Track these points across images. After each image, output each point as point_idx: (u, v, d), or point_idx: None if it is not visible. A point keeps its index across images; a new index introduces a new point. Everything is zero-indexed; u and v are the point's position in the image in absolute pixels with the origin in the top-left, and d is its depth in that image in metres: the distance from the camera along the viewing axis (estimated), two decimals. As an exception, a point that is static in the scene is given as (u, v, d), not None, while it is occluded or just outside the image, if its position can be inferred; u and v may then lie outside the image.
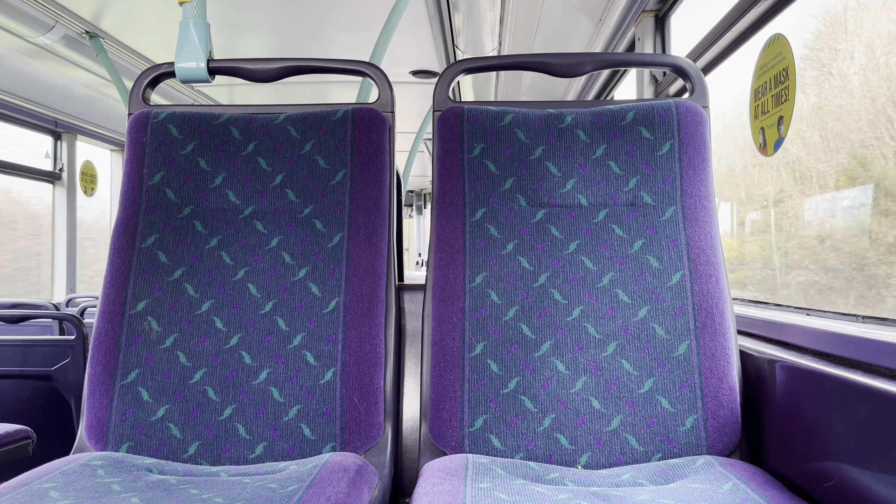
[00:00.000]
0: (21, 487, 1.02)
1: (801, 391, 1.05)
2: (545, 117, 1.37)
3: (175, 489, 1.06)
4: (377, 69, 1.45)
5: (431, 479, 1.06)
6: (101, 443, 1.24)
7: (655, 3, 2.38)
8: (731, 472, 1.06)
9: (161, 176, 1.37)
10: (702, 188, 1.31)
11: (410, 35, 3.23)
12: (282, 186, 1.37)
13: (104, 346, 1.28)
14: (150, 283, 1.31)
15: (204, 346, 1.28)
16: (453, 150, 1.36)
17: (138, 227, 1.35)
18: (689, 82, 1.41)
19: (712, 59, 1.94)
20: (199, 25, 1.44)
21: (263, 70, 1.47)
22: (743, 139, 1.96)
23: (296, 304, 1.30)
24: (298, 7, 2.93)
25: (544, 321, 1.26)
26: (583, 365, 1.24)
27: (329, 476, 1.07)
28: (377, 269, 1.32)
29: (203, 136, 1.39)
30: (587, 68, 1.43)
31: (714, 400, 1.20)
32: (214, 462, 1.23)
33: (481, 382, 1.24)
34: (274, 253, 1.33)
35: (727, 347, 1.23)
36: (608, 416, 1.22)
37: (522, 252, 1.30)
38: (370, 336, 1.28)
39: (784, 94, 1.46)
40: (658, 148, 1.32)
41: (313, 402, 1.25)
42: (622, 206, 1.31)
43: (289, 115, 1.41)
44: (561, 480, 1.12)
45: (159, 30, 3.17)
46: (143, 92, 1.46)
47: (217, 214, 1.36)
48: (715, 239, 1.29)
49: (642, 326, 1.25)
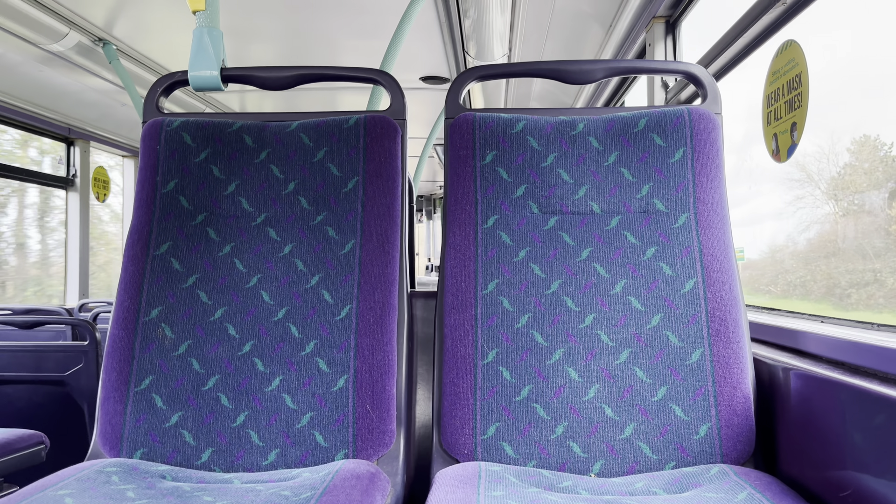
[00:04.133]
0: (36, 494, 1.03)
1: (816, 400, 1.04)
2: (557, 124, 1.37)
3: (189, 496, 1.06)
4: (389, 77, 1.45)
5: (444, 487, 1.06)
6: (115, 449, 1.25)
7: (666, 8, 2.38)
8: (745, 481, 1.06)
9: (175, 183, 1.38)
10: (715, 195, 1.31)
11: (420, 41, 3.24)
12: (295, 194, 1.37)
13: (118, 353, 1.29)
14: (164, 290, 1.32)
15: (217, 352, 1.28)
16: (465, 157, 1.36)
17: (152, 235, 1.35)
18: (701, 89, 1.40)
19: (724, 64, 1.93)
20: (213, 34, 1.45)
21: (276, 78, 1.47)
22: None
23: (308, 311, 1.30)
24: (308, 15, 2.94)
25: (557, 329, 1.26)
26: (596, 372, 1.24)
27: (342, 483, 1.07)
28: (389, 276, 1.32)
29: (216, 144, 1.40)
30: (599, 75, 1.43)
31: (728, 408, 1.19)
32: (227, 469, 1.23)
33: (494, 390, 1.24)
34: (287, 260, 1.33)
35: (741, 355, 1.22)
36: (621, 423, 1.21)
37: (535, 259, 1.30)
38: (382, 343, 1.28)
39: (797, 101, 1.45)
40: (671, 155, 1.32)
41: (326, 409, 1.25)
42: (635, 213, 1.31)
43: (301, 123, 1.41)
44: (574, 489, 1.11)
45: (171, 37, 3.19)
46: (157, 100, 1.47)
47: (230, 222, 1.36)
48: (728, 246, 1.29)
49: (655, 334, 1.24)
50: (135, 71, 3.44)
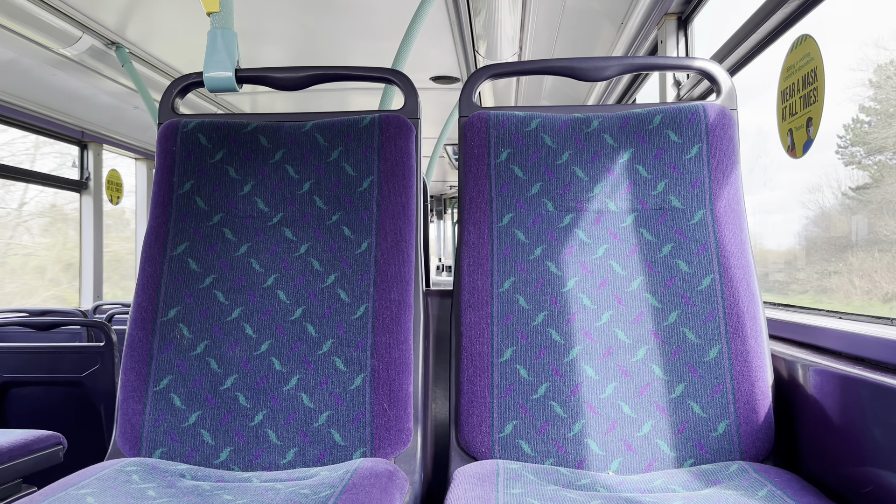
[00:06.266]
0: (58, 493, 1.04)
1: (836, 396, 1.04)
2: (572, 122, 1.36)
3: (209, 495, 1.07)
4: (403, 76, 1.46)
5: (463, 485, 1.06)
6: (134, 449, 1.26)
7: (678, 5, 2.37)
8: (765, 479, 1.05)
9: (191, 184, 1.39)
10: (731, 191, 1.30)
11: (431, 41, 3.25)
12: (310, 194, 1.38)
13: (137, 353, 1.30)
14: (181, 291, 1.33)
15: (234, 352, 1.29)
16: (480, 156, 1.36)
17: (169, 235, 1.36)
18: (716, 85, 1.40)
19: (738, 60, 1.92)
20: (227, 35, 1.46)
21: (290, 78, 1.48)
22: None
23: (325, 311, 1.30)
24: (319, 16, 2.95)
25: (573, 326, 1.26)
26: (613, 370, 1.23)
27: (361, 482, 1.07)
28: (405, 275, 1.32)
29: (232, 145, 1.40)
30: (613, 72, 1.42)
31: (747, 405, 1.19)
32: (246, 468, 1.24)
33: (511, 388, 1.24)
34: (303, 260, 1.34)
35: (759, 351, 1.21)
36: (639, 421, 1.21)
37: (550, 257, 1.30)
38: (399, 342, 1.28)
39: (813, 96, 1.44)
40: (686, 151, 1.32)
41: (343, 408, 1.25)
42: (650, 210, 1.31)
43: (316, 123, 1.42)
44: (592, 486, 1.11)
45: (183, 39, 3.21)
46: (172, 102, 1.48)
47: (246, 222, 1.37)
48: (745, 242, 1.28)
49: (672, 331, 1.24)
50: (147, 74, 3.46)
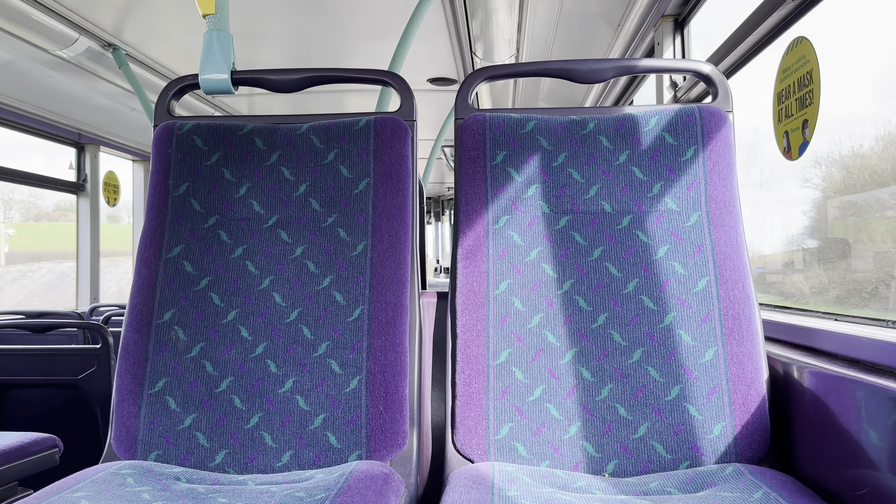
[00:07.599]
0: (53, 496, 1.04)
1: (832, 398, 1.04)
2: (567, 124, 1.36)
3: (204, 498, 1.07)
4: (399, 78, 1.46)
5: (459, 488, 1.06)
6: (129, 451, 1.26)
7: (675, 7, 2.37)
8: (761, 481, 1.05)
9: (186, 186, 1.39)
10: (727, 193, 1.30)
11: (428, 43, 3.25)
12: (305, 196, 1.37)
13: (132, 356, 1.29)
14: (177, 293, 1.32)
15: (230, 355, 1.29)
16: (475, 158, 1.36)
17: (164, 238, 1.36)
18: (712, 87, 1.40)
19: (734, 62, 1.92)
20: (223, 37, 1.45)
21: (286, 80, 1.48)
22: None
23: (320, 313, 1.30)
24: (316, 17, 2.95)
25: (569, 328, 1.26)
26: (609, 372, 1.23)
27: (356, 484, 1.07)
28: (401, 277, 1.32)
29: (227, 147, 1.40)
30: (610, 74, 1.42)
31: (742, 407, 1.19)
32: (242, 470, 1.24)
33: (506, 390, 1.24)
34: (298, 262, 1.34)
35: (755, 353, 1.21)
36: (635, 423, 1.21)
37: (546, 259, 1.30)
38: (394, 344, 1.28)
39: (809, 98, 1.45)
40: (682, 153, 1.32)
41: (339, 411, 1.25)
42: (646, 212, 1.31)
43: (311, 125, 1.42)
44: (588, 489, 1.11)
45: (180, 41, 3.21)
46: (168, 103, 1.48)
47: (242, 224, 1.37)
48: (741, 244, 1.28)
49: (668, 333, 1.24)
50: (144, 75, 3.46)
